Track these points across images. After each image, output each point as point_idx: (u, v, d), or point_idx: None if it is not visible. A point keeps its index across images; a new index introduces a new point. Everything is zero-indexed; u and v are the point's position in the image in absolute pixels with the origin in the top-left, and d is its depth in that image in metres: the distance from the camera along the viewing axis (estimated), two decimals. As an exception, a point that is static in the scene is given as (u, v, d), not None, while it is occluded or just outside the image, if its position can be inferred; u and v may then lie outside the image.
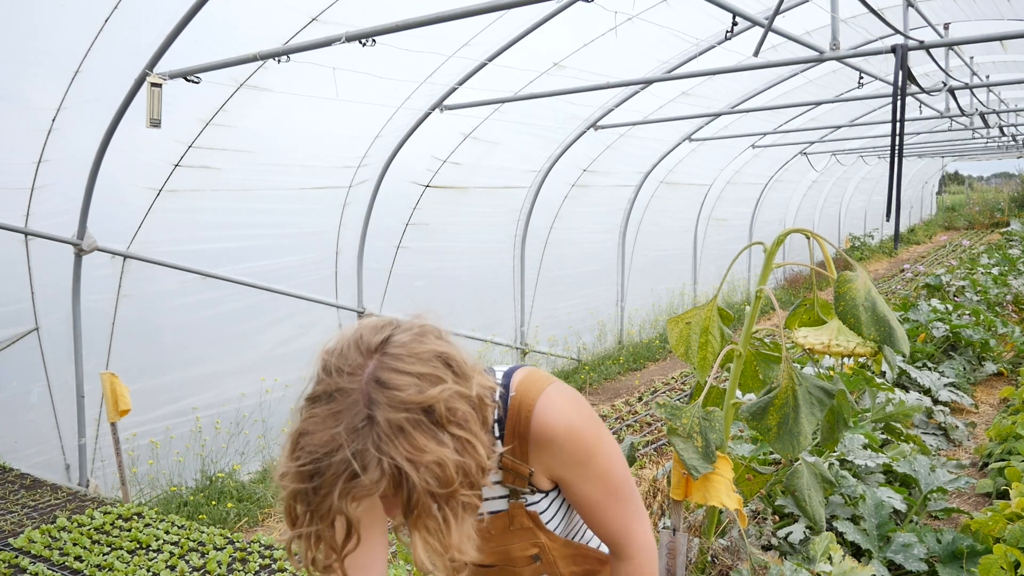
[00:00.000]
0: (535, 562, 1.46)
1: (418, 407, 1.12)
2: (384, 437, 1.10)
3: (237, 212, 5.51)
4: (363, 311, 6.59)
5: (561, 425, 1.36)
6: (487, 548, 1.42)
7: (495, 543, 1.44)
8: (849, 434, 4.40)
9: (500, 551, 1.44)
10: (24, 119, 4.23)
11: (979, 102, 8.49)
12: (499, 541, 1.44)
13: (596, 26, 5.67)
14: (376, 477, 1.09)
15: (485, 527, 1.43)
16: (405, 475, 1.09)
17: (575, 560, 1.52)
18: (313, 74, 4.63)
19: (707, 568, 2.99)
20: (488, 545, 1.43)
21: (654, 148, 9.15)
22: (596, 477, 1.41)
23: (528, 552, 1.44)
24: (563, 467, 1.39)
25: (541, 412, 1.35)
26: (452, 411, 1.14)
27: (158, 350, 5.30)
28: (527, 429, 1.36)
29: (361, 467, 1.09)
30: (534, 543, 1.44)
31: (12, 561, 3.19)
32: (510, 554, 1.45)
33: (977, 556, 3.35)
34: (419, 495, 1.10)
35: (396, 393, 1.11)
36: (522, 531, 1.43)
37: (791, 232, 2.58)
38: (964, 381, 6.79)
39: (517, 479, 1.40)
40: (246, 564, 3.16)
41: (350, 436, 1.10)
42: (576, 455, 1.37)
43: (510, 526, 1.43)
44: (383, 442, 1.10)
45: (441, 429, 1.13)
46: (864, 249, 18.25)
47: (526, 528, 1.43)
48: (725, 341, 2.67)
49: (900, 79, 4.06)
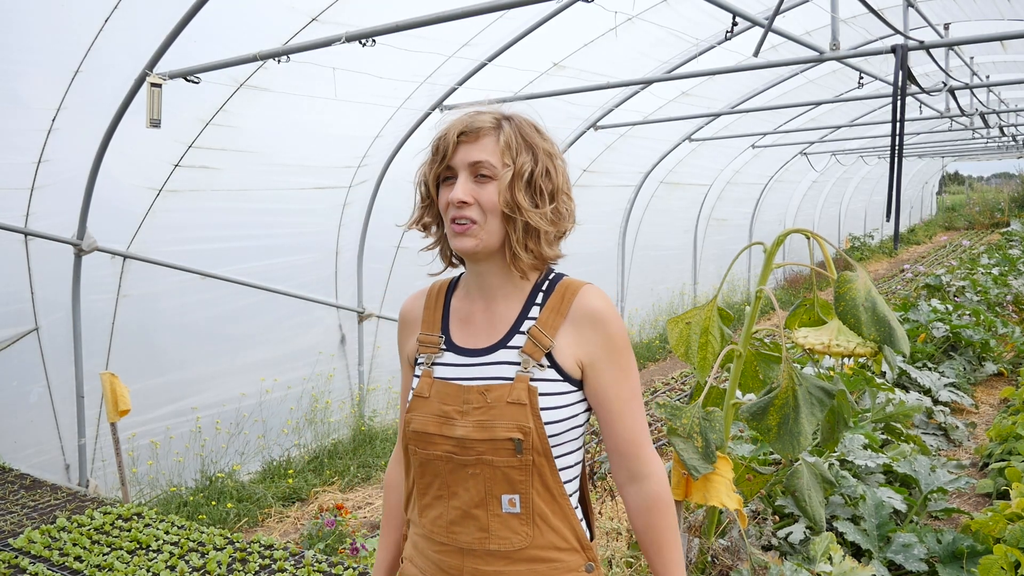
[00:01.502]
0: (516, 454, 1.41)
1: (545, 134, 1.52)
2: (516, 118, 1.50)
3: (237, 212, 5.51)
4: (363, 311, 6.59)
5: (605, 307, 1.48)
6: (480, 419, 1.43)
7: (488, 415, 1.43)
8: (849, 434, 4.40)
9: (489, 426, 1.42)
10: (24, 119, 4.23)
11: (979, 102, 8.49)
12: (492, 414, 1.43)
13: (596, 26, 5.67)
14: (492, 121, 1.47)
15: (484, 394, 1.45)
16: (524, 137, 1.47)
17: (547, 501, 1.46)
18: (313, 74, 4.63)
19: (707, 568, 2.99)
20: (481, 415, 1.44)
21: (654, 148, 9.15)
22: (623, 371, 1.48)
23: (511, 433, 1.41)
24: (597, 347, 1.47)
25: (589, 292, 1.49)
26: (564, 165, 1.53)
27: (158, 350, 5.30)
28: (569, 304, 1.48)
29: (482, 112, 1.50)
30: (520, 426, 1.41)
31: (12, 561, 3.19)
32: (496, 432, 1.42)
33: (977, 556, 3.35)
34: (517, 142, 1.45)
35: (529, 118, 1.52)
36: (516, 407, 1.42)
37: (791, 232, 2.58)
38: (964, 381, 6.79)
39: (535, 350, 1.45)
40: (246, 564, 3.16)
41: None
42: (612, 340, 1.47)
43: (507, 397, 1.43)
44: (513, 119, 1.50)
45: (555, 153, 1.51)
46: (864, 249, 18.25)
47: (520, 405, 1.42)
48: (725, 341, 2.67)
49: (900, 79, 4.05)
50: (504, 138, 1.44)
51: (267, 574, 3.09)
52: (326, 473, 5.68)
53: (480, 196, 1.43)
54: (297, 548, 3.36)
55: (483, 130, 1.44)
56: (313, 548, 3.86)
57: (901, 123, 3.92)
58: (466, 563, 1.47)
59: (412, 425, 1.50)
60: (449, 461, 1.46)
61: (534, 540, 1.45)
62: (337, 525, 4.11)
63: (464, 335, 1.53)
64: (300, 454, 5.91)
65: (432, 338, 1.56)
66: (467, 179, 1.44)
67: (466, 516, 1.47)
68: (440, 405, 1.48)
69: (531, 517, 1.45)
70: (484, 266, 1.51)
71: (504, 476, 1.43)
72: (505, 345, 1.48)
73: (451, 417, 1.46)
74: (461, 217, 1.44)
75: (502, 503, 1.44)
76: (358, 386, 6.65)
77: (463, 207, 1.43)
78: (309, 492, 5.41)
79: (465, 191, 1.43)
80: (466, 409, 1.45)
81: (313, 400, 6.11)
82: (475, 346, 1.51)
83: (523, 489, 1.44)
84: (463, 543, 1.47)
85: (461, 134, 1.45)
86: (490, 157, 1.43)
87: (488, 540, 1.45)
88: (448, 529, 1.48)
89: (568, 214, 1.50)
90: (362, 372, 6.67)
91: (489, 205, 1.43)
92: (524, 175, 1.43)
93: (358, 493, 5.50)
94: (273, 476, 5.57)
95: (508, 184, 1.42)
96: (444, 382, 1.50)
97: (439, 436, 1.47)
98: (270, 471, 5.63)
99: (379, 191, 6.32)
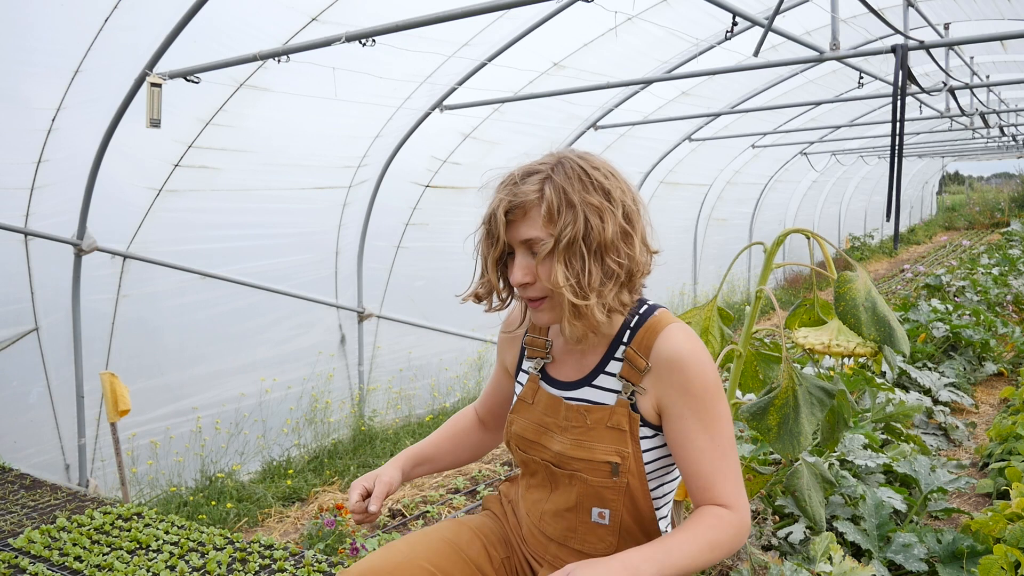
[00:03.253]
0: (612, 477, 1.41)
1: (597, 176, 1.40)
2: (561, 171, 1.39)
3: (237, 212, 5.51)
4: (363, 311, 6.59)
5: (688, 349, 1.41)
6: (578, 438, 1.44)
7: (587, 436, 1.44)
8: (849, 434, 4.40)
9: (587, 446, 1.43)
10: (24, 119, 4.23)
11: (979, 102, 8.49)
12: (591, 435, 1.44)
13: (596, 26, 5.67)
14: (536, 187, 1.38)
15: (583, 415, 1.46)
16: (565, 197, 1.36)
17: (636, 519, 1.45)
18: (313, 74, 4.63)
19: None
20: (580, 435, 1.45)
21: (654, 148, 9.15)
22: (704, 419, 1.40)
23: (610, 457, 1.41)
24: (675, 391, 1.40)
25: (673, 332, 1.43)
26: (626, 205, 1.41)
27: (158, 350, 5.30)
28: (649, 348, 1.43)
29: (528, 173, 1.41)
30: (619, 450, 1.41)
31: (12, 561, 3.18)
32: (594, 454, 1.42)
33: (977, 556, 3.35)
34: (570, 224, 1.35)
35: (587, 159, 1.42)
36: (615, 432, 1.42)
37: (791, 232, 2.57)
38: (964, 381, 6.79)
39: (632, 372, 1.44)
40: (246, 564, 3.16)
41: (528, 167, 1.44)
42: (692, 385, 1.39)
43: (607, 421, 1.43)
44: (557, 173, 1.39)
45: (609, 199, 1.38)
46: (864, 249, 18.25)
47: (620, 430, 1.42)
48: (725, 341, 2.67)
49: (900, 79, 4.05)
50: (547, 207, 1.37)
51: (267, 574, 3.09)
52: (326, 473, 5.68)
53: (540, 273, 1.40)
54: (297, 548, 3.36)
55: (527, 203, 1.39)
56: (313, 548, 3.86)
57: (901, 123, 3.91)
58: (551, 546, 1.53)
59: (514, 427, 1.55)
60: (547, 468, 1.50)
61: (618, 549, 1.45)
62: (337, 525, 4.11)
63: (556, 366, 1.55)
64: (300, 454, 5.91)
65: (540, 340, 1.58)
66: (523, 255, 1.41)
67: (557, 514, 1.51)
68: (542, 415, 1.51)
69: (618, 529, 1.47)
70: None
71: (596, 492, 1.45)
72: (591, 381, 1.48)
73: (550, 429, 1.49)
74: (527, 297, 1.44)
75: (592, 514, 1.47)
76: (358, 386, 6.65)
77: (526, 288, 1.42)
78: (309, 492, 5.41)
79: (523, 272, 1.41)
80: (565, 426, 1.47)
81: (313, 400, 6.11)
82: (565, 379, 1.53)
83: (613, 507, 1.45)
84: (551, 534, 1.52)
85: (507, 212, 1.41)
86: (538, 233, 1.39)
87: (573, 539, 1.50)
88: (541, 518, 1.53)
89: (625, 266, 1.40)
90: (362, 372, 6.67)
91: (551, 282, 1.40)
92: (563, 242, 1.36)
93: (358, 493, 5.49)
94: (273, 476, 5.57)
95: (551, 255, 1.37)
96: (548, 394, 1.52)
97: (539, 445, 1.50)
98: (270, 471, 5.63)
99: (379, 191, 6.32)
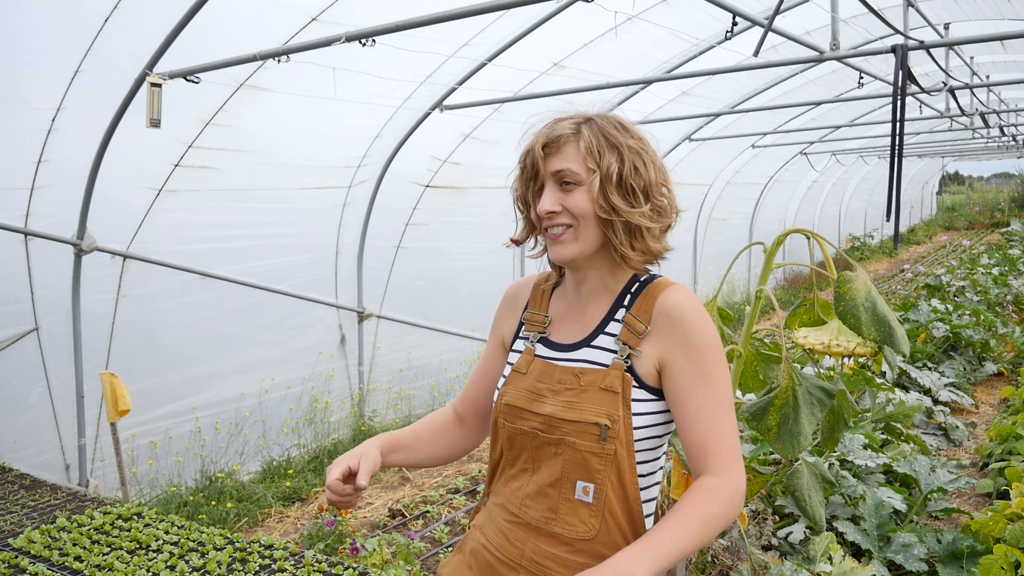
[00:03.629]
0: (601, 441, 1.41)
1: (632, 128, 1.52)
2: (599, 118, 1.49)
3: (237, 212, 5.51)
4: (363, 311, 6.59)
5: (687, 304, 1.46)
6: (570, 400, 1.45)
7: (579, 398, 1.45)
8: (849, 434, 4.40)
9: (578, 407, 1.44)
10: (24, 119, 4.23)
11: (979, 102, 8.49)
12: (583, 397, 1.44)
13: (596, 26, 5.67)
14: (572, 125, 1.46)
15: (577, 377, 1.47)
16: (606, 139, 1.46)
17: (620, 498, 1.44)
18: (313, 74, 4.63)
19: (707, 568, 2.99)
20: (572, 397, 1.45)
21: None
22: (705, 374, 1.42)
23: (599, 418, 1.41)
24: (677, 345, 1.43)
25: (675, 291, 1.49)
26: (656, 159, 1.55)
27: (158, 350, 5.29)
28: (652, 304, 1.47)
29: (565, 117, 1.50)
30: (609, 413, 1.41)
31: (12, 561, 3.19)
32: (583, 415, 1.43)
33: (977, 556, 3.35)
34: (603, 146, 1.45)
35: (620, 117, 1.52)
36: (607, 394, 1.43)
37: (791, 232, 2.58)
38: (964, 381, 6.79)
39: (631, 337, 1.46)
40: (246, 564, 3.16)
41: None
42: (693, 339, 1.43)
43: (601, 383, 1.44)
44: (595, 118, 1.49)
45: (644, 147, 1.53)
46: (864, 249, 18.25)
47: (613, 392, 1.43)
48: (725, 341, 2.67)
49: (900, 79, 4.05)
50: (584, 143, 1.45)
51: (267, 574, 3.09)
52: (326, 473, 5.68)
53: (567, 203, 1.45)
54: (297, 548, 3.36)
55: (563, 138, 1.46)
56: (313, 548, 3.86)
57: (901, 123, 3.91)
58: (530, 539, 1.49)
59: (504, 398, 1.55)
60: (535, 438, 1.49)
61: (599, 535, 1.44)
62: (337, 525, 4.11)
63: (557, 331, 1.57)
64: (300, 454, 5.91)
65: (539, 316, 1.60)
66: (553, 188, 1.47)
67: (540, 492, 1.49)
68: (535, 382, 1.52)
69: (601, 510, 1.44)
70: (582, 273, 1.54)
71: (583, 461, 1.44)
72: (591, 343, 1.50)
73: (542, 395, 1.49)
74: (553, 225, 1.47)
75: (576, 489, 1.45)
76: (358, 386, 6.65)
77: (552, 216, 1.46)
78: (309, 492, 5.41)
79: (551, 200, 1.46)
80: (558, 388, 1.48)
81: (313, 400, 6.11)
82: (565, 341, 1.55)
83: (599, 479, 1.44)
84: (531, 518, 1.49)
85: (544, 146, 1.47)
86: (572, 165, 1.44)
87: (554, 521, 1.47)
88: (522, 502, 1.51)
89: (669, 207, 1.54)
90: (362, 372, 6.67)
91: (578, 211, 1.44)
92: (613, 177, 1.43)
93: (358, 493, 5.50)
94: (273, 476, 5.57)
95: (600, 188, 1.43)
96: (543, 360, 1.54)
97: (528, 412, 1.50)
98: (270, 471, 5.63)
99: (379, 191, 6.32)
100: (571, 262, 1.49)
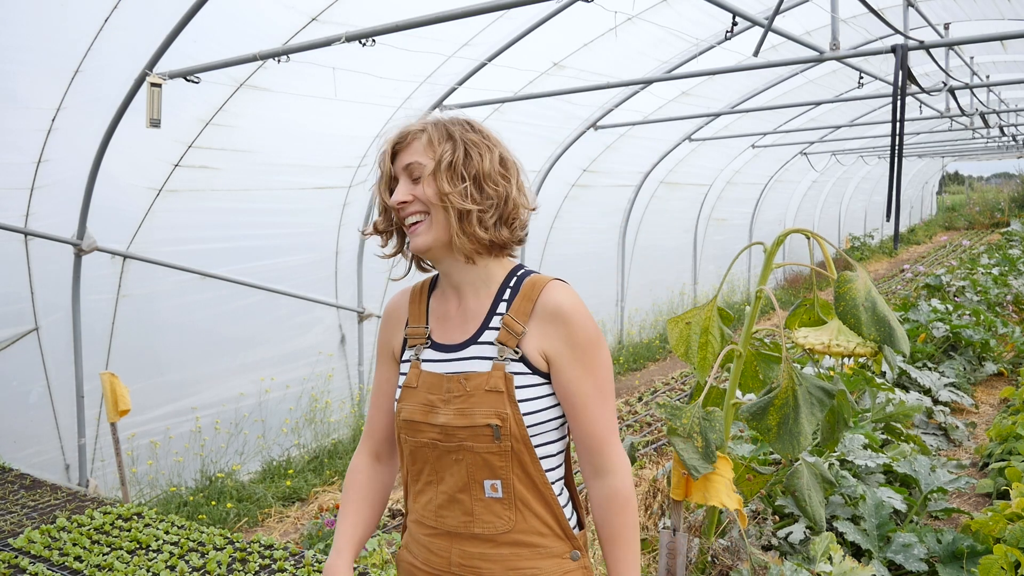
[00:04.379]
0: (495, 440, 1.47)
1: (477, 126, 1.56)
2: (446, 118, 1.54)
3: (237, 212, 5.51)
4: (363, 311, 6.59)
5: (569, 303, 1.52)
6: (460, 407, 1.50)
7: (468, 403, 1.49)
8: (849, 434, 4.40)
9: (469, 413, 1.49)
10: (24, 119, 4.23)
11: (979, 102, 8.49)
12: (471, 402, 1.49)
13: (596, 26, 5.67)
14: (420, 125, 1.52)
15: (463, 382, 1.51)
16: (447, 131, 1.51)
17: (528, 487, 1.51)
18: (313, 74, 4.63)
19: (707, 568, 2.99)
20: (462, 404, 1.50)
21: (654, 148, 9.15)
22: (586, 368, 1.51)
23: (489, 419, 1.47)
24: (561, 343, 1.50)
25: (555, 288, 1.53)
26: (503, 154, 1.55)
27: (158, 350, 5.30)
28: (535, 299, 1.52)
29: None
30: (498, 412, 1.47)
31: (12, 561, 3.19)
32: (475, 419, 1.48)
33: (977, 556, 3.35)
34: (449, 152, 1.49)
35: (472, 120, 1.57)
36: (493, 395, 1.48)
37: (791, 232, 2.58)
38: (964, 381, 6.79)
39: (509, 337, 1.51)
40: (246, 564, 3.16)
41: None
42: (574, 336, 1.50)
43: (485, 385, 1.49)
44: (442, 118, 1.54)
45: (486, 140, 1.54)
46: (864, 249, 18.25)
47: (498, 392, 1.48)
48: (725, 341, 2.67)
49: (900, 79, 4.05)
50: (427, 136, 1.53)
51: (267, 574, 3.09)
52: (326, 473, 5.68)
53: (416, 192, 1.52)
54: (297, 548, 3.36)
55: (411, 134, 1.55)
56: (313, 548, 3.86)
57: (901, 123, 3.92)
58: (453, 545, 1.55)
59: (402, 414, 1.58)
60: (435, 448, 1.54)
61: (516, 524, 1.51)
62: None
63: (441, 332, 1.61)
64: (300, 454, 5.91)
65: (419, 329, 1.64)
66: (405, 182, 1.54)
67: (452, 501, 1.54)
68: (426, 394, 1.55)
69: (513, 502, 1.51)
70: (445, 264, 1.58)
71: (485, 462, 1.50)
72: (478, 340, 1.55)
73: (435, 406, 1.54)
74: (408, 215, 1.53)
75: (485, 488, 1.51)
76: (358, 386, 6.65)
77: (404, 206, 1.53)
78: (309, 492, 5.42)
79: (402, 192, 1.53)
80: (448, 398, 1.53)
81: (313, 400, 6.11)
82: (451, 341, 1.58)
83: (503, 475, 1.50)
84: (450, 526, 1.54)
85: (396, 144, 1.56)
86: (419, 157, 1.52)
87: (472, 524, 1.52)
88: (436, 513, 1.56)
89: (507, 199, 1.53)
90: (362, 372, 6.67)
91: (424, 198, 1.51)
92: (444, 163, 1.50)
93: (358, 493, 5.49)
94: (273, 476, 5.57)
95: (431, 174, 1.50)
96: (430, 373, 1.57)
97: (425, 424, 1.54)
98: (270, 471, 5.63)
99: (379, 191, 6.31)
100: (427, 251, 1.55)
